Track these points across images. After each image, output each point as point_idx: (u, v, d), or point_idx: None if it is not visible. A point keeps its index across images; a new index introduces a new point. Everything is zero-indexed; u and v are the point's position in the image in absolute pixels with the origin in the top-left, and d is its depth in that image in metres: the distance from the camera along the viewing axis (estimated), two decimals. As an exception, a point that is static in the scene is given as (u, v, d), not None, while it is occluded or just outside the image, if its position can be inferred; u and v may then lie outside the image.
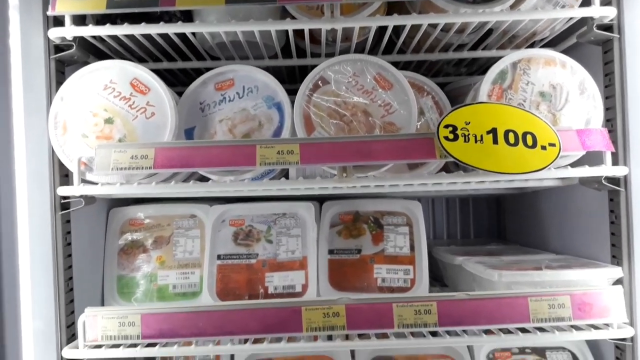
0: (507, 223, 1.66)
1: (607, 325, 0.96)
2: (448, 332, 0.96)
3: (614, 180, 0.99)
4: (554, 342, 1.11)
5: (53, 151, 0.99)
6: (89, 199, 1.03)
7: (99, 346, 0.94)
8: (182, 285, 1.19)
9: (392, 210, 1.24)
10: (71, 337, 1.02)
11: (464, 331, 0.96)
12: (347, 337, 0.96)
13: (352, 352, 1.12)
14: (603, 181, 0.98)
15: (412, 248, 1.20)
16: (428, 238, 1.42)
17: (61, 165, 1.00)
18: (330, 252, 1.21)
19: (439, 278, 1.38)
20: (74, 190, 0.97)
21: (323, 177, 1.12)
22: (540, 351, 1.11)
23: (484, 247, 1.44)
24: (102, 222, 1.23)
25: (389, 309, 0.94)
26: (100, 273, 1.20)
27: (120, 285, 1.20)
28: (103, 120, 0.98)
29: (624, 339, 0.98)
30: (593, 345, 1.11)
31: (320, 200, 1.26)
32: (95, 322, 0.94)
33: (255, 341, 0.98)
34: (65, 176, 1.02)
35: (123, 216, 1.24)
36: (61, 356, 0.97)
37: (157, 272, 1.20)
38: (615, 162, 0.99)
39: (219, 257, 1.17)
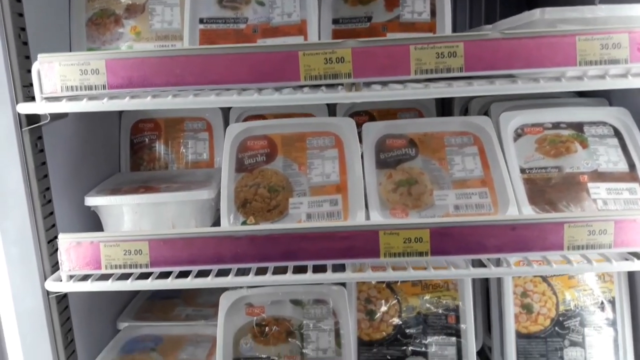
0: None
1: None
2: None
3: None
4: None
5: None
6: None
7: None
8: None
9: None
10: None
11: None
12: (353, 87, 0.80)
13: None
14: None
15: (432, 14, 1.01)
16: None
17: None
18: (335, 21, 1.02)
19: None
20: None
21: None
22: (576, 126, 0.97)
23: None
24: None
25: (405, 52, 0.77)
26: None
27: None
28: None
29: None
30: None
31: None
32: (51, 69, 0.78)
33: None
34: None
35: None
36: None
37: (132, 45, 1.03)
38: None
39: (201, 21, 0.99)
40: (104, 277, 0.86)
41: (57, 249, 0.86)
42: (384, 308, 1.02)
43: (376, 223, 0.85)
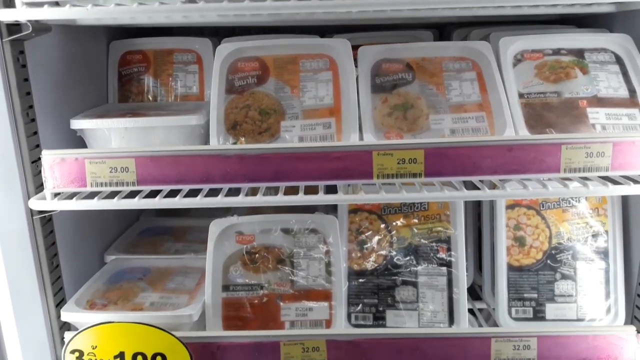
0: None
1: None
2: None
3: None
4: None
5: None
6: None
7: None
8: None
9: None
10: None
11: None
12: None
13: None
14: None
15: None
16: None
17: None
18: None
19: None
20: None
21: None
22: (577, 52, 0.94)
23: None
24: None
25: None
26: None
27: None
28: None
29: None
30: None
31: None
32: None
33: None
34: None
35: None
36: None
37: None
38: None
39: None
40: (90, 196, 0.84)
41: (41, 171, 0.83)
42: (375, 238, 1.01)
43: (370, 143, 0.83)
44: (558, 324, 0.99)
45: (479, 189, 0.84)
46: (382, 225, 1.01)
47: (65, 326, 0.95)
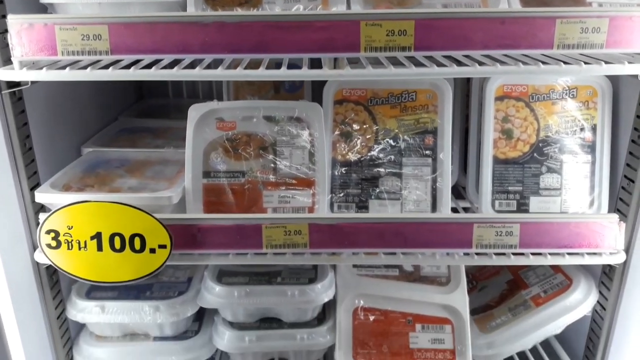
0: None
1: None
2: None
3: None
4: None
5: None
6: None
7: None
8: None
9: None
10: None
11: None
12: None
13: None
14: None
15: None
16: None
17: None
18: None
19: None
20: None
21: None
22: None
23: None
24: None
25: None
26: None
27: None
28: None
29: None
30: None
31: None
32: None
33: None
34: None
35: None
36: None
37: None
38: None
39: None
40: (62, 68, 0.80)
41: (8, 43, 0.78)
42: (360, 129, 0.98)
43: (358, 12, 0.79)
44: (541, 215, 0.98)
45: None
46: (368, 117, 0.98)
47: (41, 210, 0.92)
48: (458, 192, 1.17)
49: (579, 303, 1.01)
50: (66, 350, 1.02)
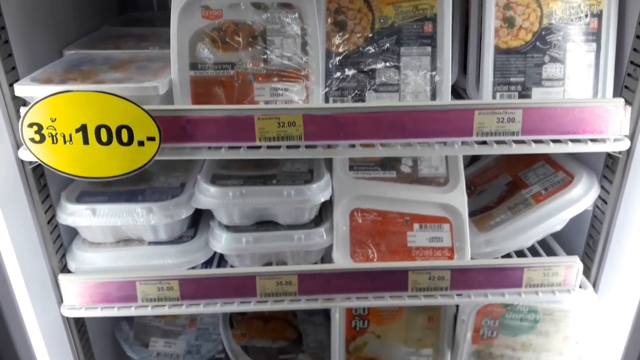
0: None
1: None
2: None
3: None
4: None
5: None
6: None
7: None
8: None
9: None
10: None
11: None
12: None
13: None
14: None
15: None
16: None
17: None
18: None
19: None
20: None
21: None
22: None
23: None
24: None
25: None
26: None
27: None
28: None
29: None
30: None
31: None
32: None
33: None
34: None
35: None
36: None
37: None
38: None
39: None
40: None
41: None
42: (355, 19, 0.93)
43: None
44: (544, 103, 0.95)
45: None
46: (364, 5, 0.93)
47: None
48: (457, 93, 1.13)
49: (580, 197, 1.00)
50: (59, 256, 1.00)
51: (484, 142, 0.89)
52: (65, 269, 1.02)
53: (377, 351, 1.15)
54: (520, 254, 1.08)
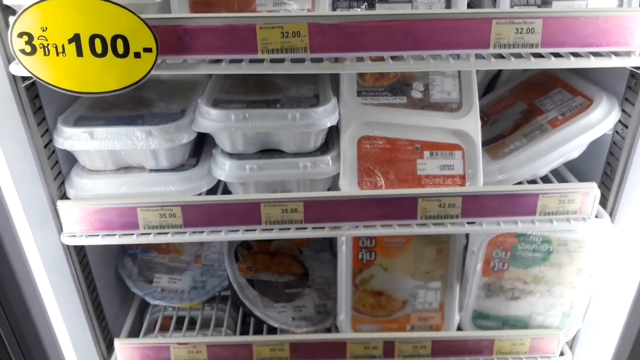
0: None
1: None
2: None
3: None
4: None
5: None
6: None
7: None
8: None
9: None
10: None
11: None
12: None
13: None
14: None
15: None
16: None
17: None
18: None
19: None
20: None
21: None
22: None
23: None
24: None
25: None
26: None
27: None
28: None
29: None
30: None
31: None
32: None
33: None
34: None
35: None
36: None
37: None
38: None
39: None
40: None
41: None
42: None
43: None
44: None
45: None
46: None
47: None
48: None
49: (599, 121, 0.95)
50: (57, 183, 0.97)
51: (501, 57, 0.84)
52: (64, 197, 0.99)
53: (384, 284, 1.12)
54: (533, 184, 1.04)
